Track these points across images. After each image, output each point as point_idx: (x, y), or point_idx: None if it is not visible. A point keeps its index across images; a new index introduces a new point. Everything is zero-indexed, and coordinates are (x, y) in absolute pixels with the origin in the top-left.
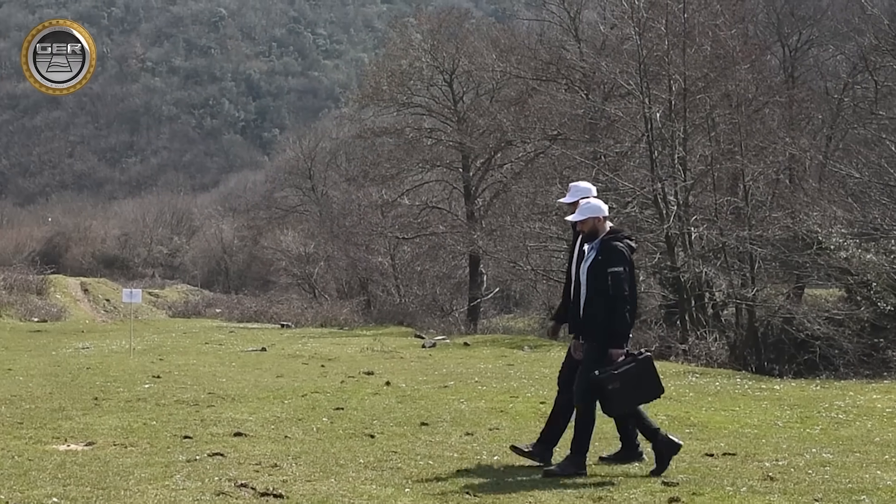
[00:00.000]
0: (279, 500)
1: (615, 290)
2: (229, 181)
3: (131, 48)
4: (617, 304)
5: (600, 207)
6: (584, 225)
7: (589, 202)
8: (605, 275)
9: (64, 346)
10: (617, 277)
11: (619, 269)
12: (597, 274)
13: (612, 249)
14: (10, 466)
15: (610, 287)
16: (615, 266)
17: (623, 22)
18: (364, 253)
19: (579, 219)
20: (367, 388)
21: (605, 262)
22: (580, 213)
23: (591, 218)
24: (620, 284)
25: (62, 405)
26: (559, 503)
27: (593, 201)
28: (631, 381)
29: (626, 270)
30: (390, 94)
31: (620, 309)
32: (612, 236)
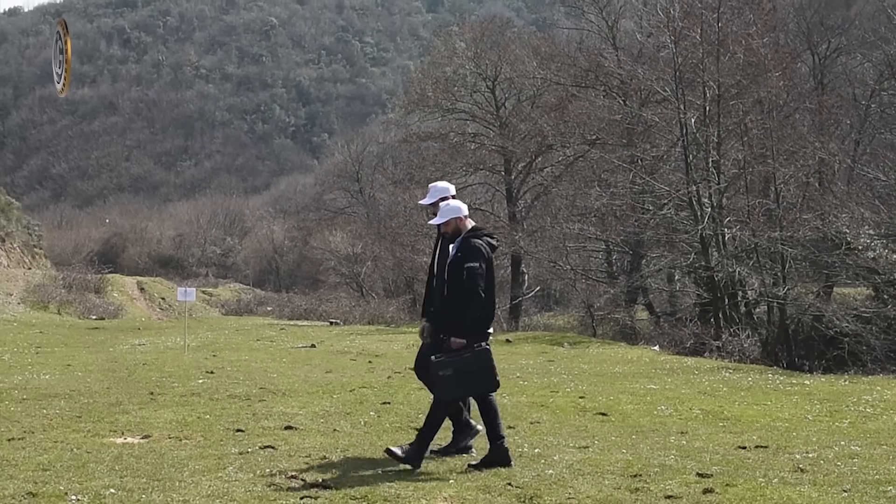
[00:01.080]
0: (328, 490)
1: (469, 285)
2: (280, 184)
3: (186, 56)
4: (469, 299)
5: (460, 208)
6: (447, 226)
7: (449, 204)
8: (462, 270)
9: (121, 343)
10: (472, 272)
11: (476, 265)
12: (456, 270)
13: (471, 247)
14: (69, 459)
15: (465, 282)
16: (472, 262)
17: (659, 31)
18: (409, 253)
19: (441, 221)
20: (413, 383)
21: (464, 259)
22: (442, 215)
23: (453, 218)
24: (475, 279)
25: (119, 400)
26: (597, 493)
27: (453, 202)
28: (464, 370)
29: (482, 267)
30: (435, 100)
31: (472, 303)
32: (472, 234)
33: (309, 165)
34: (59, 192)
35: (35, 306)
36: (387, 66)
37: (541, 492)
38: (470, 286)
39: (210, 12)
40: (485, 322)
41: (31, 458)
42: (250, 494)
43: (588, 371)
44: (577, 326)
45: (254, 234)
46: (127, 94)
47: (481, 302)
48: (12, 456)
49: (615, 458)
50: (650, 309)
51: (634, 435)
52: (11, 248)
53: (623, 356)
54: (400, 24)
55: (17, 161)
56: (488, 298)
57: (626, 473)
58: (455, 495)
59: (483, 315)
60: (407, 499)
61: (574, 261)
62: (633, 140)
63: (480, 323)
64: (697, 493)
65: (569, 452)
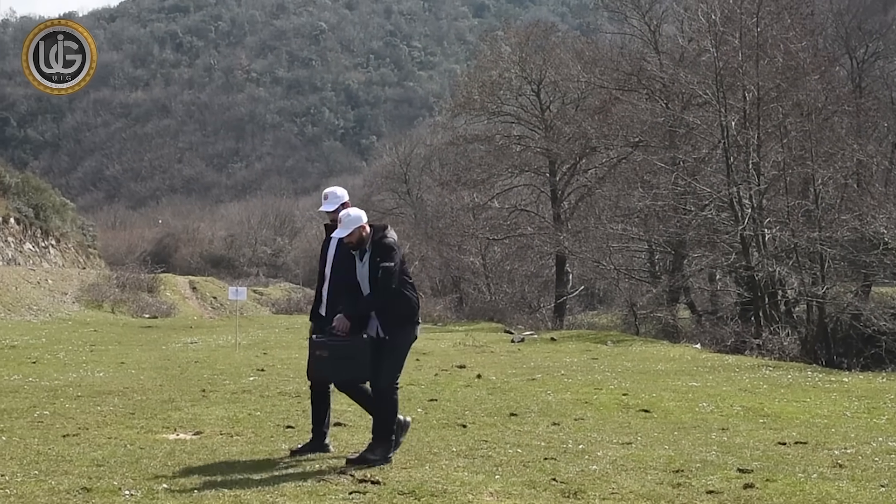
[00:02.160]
0: (376, 486)
1: (382, 283)
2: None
3: (237, 60)
4: (379, 294)
5: (360, 216)
6: (351, 237)
7: (349, 214)
8: (387, 274)
9: (173, 341)
10: (386, 271)
11: (391, 265)
12: (374, 271)
13: (385, 246)
14: (122, 454)
15: (379, 280)
16: (388, 262)
17: (700, 35)
18: (456, 253)
19: (346, 234)
20: (460, 380)
21: (383, 261)
22: (345, 227)
23: (357, 228)
24: (388, 279)
25: (172, 397)
26: (640, 489)
27: (353, 211)
28: (339, 355)
29: (398, 264)
30: (481, 104)
31: (381, 297)
32: (380, 235)
33: (357, 167)
34: (112, 194)
35: (89, 305)
36: (434, 70)
37: (585, 487)
38: (383, 284)
39: (261, 17)
40: (413, 315)
41: (86, 454)
42: (300, 490)
43: (631, 369)
44: (620, 325)
45: (304, 234)
46: (179, 97)
47: (409, 297)
48: (67, 452)
49: (658, 453)
50: (692, 308)
51: (676, 431)
52: (66, 248)
53: (665, 354)
54: (447, 29)
55: (71, 163)
56: (412, 290)
57: (669, 469)
58: (500, 490)
59: (412, 309)
60: (454, 493)
61: (617, 261)
62: (675, 142)
63: (410, 317)
64: (738, 488)
65: (612, 448)
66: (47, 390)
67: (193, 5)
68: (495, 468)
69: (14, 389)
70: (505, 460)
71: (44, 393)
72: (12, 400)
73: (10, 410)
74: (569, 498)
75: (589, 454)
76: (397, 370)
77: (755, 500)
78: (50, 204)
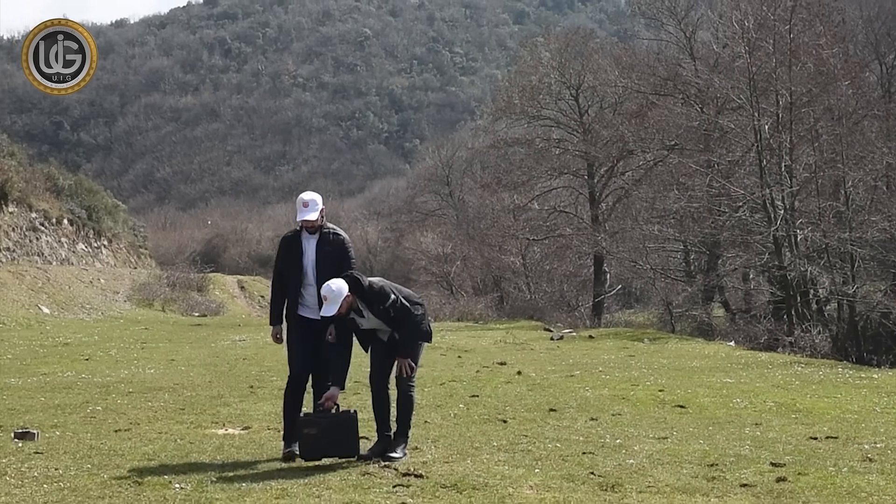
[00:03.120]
0: (419, 479)
1: (406, 321)
2: (374, 187)
3: (284, 65)
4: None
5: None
6: (342, 309)
7: (332, 289)
8: (391, 311)
9: (222, 339)
10: (401, 311)
11: (395, 300)
12: (386, 316)
13: (377, 294)
14: (172, 449)
15: (401, 320)
16: (389, 302)
17: (734, 42)
18: (497, 253)
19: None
20: (500, 377)
21: (383, 305)
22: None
23: (343, 301)
24: (408, 315)
25: (220, 393)
26: (676, 482)
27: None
28: (330, 433)
29: (399, 296)
30: (521, 108)
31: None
32: (366, 287)
33: (401, 170)
34: (163, 196)
35: (140, 304)
36: (475, 76)
37: (622, 480)
38: (402, 314)
39: (307, 24)
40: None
41: (138, 448)
42: (345, 483)
43: (667, 365)
44: (656, 323)
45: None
46: (228, 101)
47: (423, 318)
48: (119, 446)
49: (693, 448)
50: (726, 306)
51: (711, 426)
52: (118, 248)
53: (700, 351)
54: (488, 36)
55: (123, 166)
56: (422, 308)
57: (704, 463)
58: (540, 484)
59: (427, 328)
60: (494, 487)
61: (654, 260)
62: (709, 145)
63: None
64: (771, 482)
65: (649, 443)
66: (100, 386)
67: (242, 12)
68: (535, 462)
69: (67, 385)
70: (544, 454)
71: (96, 389)
72: (66, 396)
73: (64, 406)
74: (606, 491)
75: (626, 448)
76: (413, 371)
77: (787, 493)
78: (102, 205)
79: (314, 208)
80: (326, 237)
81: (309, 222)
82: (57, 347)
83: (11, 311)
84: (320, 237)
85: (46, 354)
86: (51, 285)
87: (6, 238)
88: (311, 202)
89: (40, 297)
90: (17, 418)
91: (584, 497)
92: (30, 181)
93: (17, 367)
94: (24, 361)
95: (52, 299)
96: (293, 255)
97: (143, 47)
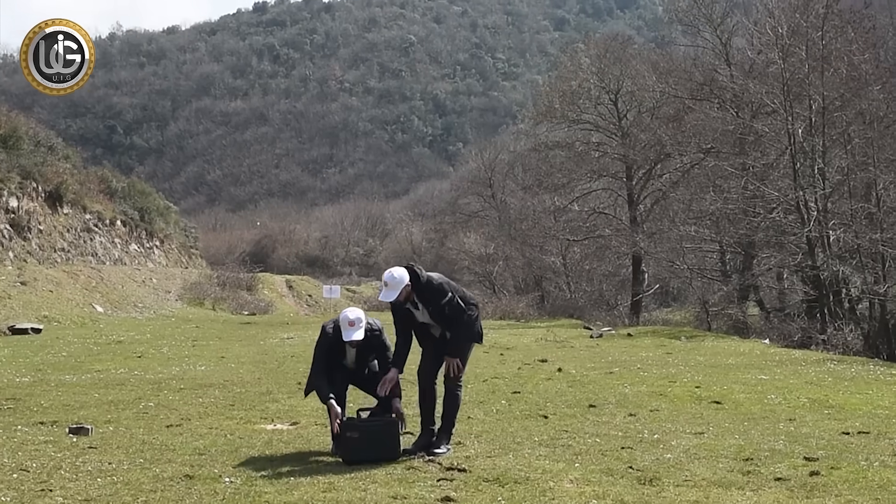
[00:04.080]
0: (462, 473)
1: (454, 312)
2: (418, 189)
3: (331, 71)
4: (460, 325)
5: (404, 276)
6: (401, 296)
7: (394, 276)
8: (443, 309)
9: (270, 337)
10: (454, 308)
11: (451, 297)
12: (440, 312)
13: (435, 289)
14: (223, 444)
15: (456, 317)
16: (447, 298)
17: (769, 48)
18: (538, 253)
19: (395, 295)
20: (542, 373)
21: (441, 300)
22: (392, 289)
23: (403, 288)
24: (460, 311)
25: (269, 389)
26: (712, 476)
27: (395, 272)
28: (371, 436)
29: (455, 293)
30: (562, 112)
31: (469, 321)
32: (425, 281)
33: (445, 172)
34: (213, 198)
35: (192, 303)
36: (517, 81)
37: (660, 474)
38: (455, 313)
39: (353, 30)
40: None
41: (189, 443)
42: (391, 477)
43: (703, 363)
44: (693, 321)
45: (394, 235)
46: (276, 106)
47: (476, 317)
48: (171, 441)
49: (728, 443)
50: (761, 305)
51: (746, 422)
52: (170, 248)
53: (736, 349)
54: (529, 42)
55: (175, 169)
56: (476, 309)
57: (739, 457)
58: (580, 478)
59: (479, 328)
60: (535, 481)
61: (690, 260)
62: (744, 149)
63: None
64: (804, 476)
65: (685, 438)
66: (152, 383)
67: (290, 19)
68: (575, 457)
69: (121, 382)
70: (584, 449)
71: (148, 385)
72: (119, 392)
73: (117, 402)
74: (644, 485)
75: (663, 443)
76: (461, 371)
77: (820, 486)
78: (154, 207)
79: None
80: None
81: (355, 343)
82: (110, 345)
83: (66, 310)
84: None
85: (100, 352)
86: (104, 285)
87: (61, 239)
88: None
89: (94, 296)
90: (72, 414)
91: (622, 490)
92: (84, 183)
93: (72, 365)
94: (78, 359)
95: (106, 298)
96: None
97: (194, 53)
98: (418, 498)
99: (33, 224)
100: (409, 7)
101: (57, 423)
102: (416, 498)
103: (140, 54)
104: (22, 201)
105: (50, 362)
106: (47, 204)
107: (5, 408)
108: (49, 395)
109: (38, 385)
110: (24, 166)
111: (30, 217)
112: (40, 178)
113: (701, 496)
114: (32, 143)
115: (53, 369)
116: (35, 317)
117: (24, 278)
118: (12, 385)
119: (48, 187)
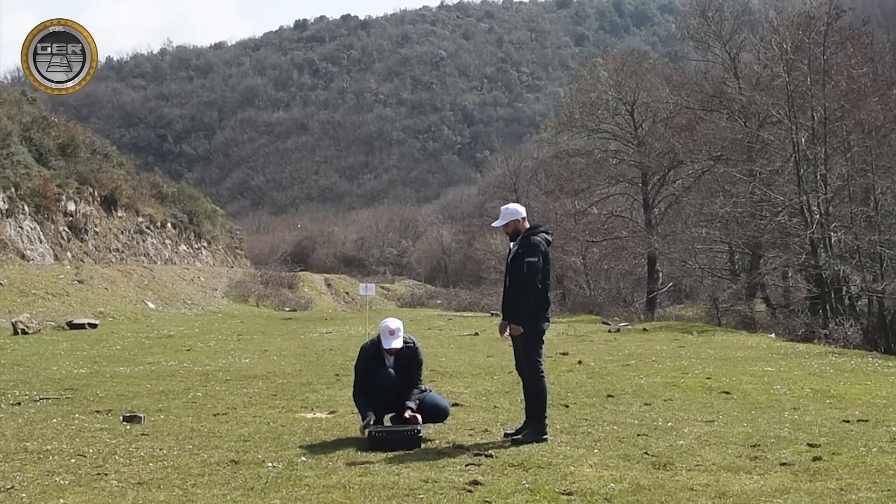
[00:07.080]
0: (489, 459)
1: (529, 277)
2: (448, 194)
3: (367, 84)
4: (527, 289)
5: (517, 210)
6: (507, 227)
7: (508, 207)
8: (522, 264)
9: (310, 332)
10: (531, 266)
11: (535, 260)
12: (517, 265)
13: (529, 243)
14: (265, 431)
15: (525, 274)
16: (531, 257)
17: (774, 62)
18: (560, 253)
19: (502, 223)
20: (563, 366)
21: (524, 254)
22: (502, 218)
23: (512, 220)
24: (534, 273)
25: (309, 380)
26: (721, 461)
27: (512, 205)
28: (393, 441)
29: (540, 261)
30: (582, 122)
31: (529, 293)
32: (530, 232)
33: (473, 178)
34: (257, 202)
35: (237, 300)
36: (540, 93)
37: (673, 459)
38: (529, 279)
39: (388, 46)
40: (540, 309)
41: (234, 431)
42: (423, 462)
43: (713, 355)
44: (704, 317)
45: (425, 237)
46: (316, 116)
47: (537, 292)
48: (217, 429)
49: (737, 430)
50: (767, 302)
51: (753, 411)
52: (216, 249)
53: (744, 343)
54: (551, 56)
55: (221, 175)
56: (543, 289)
57: (747, 444)
58: (599, 463)
59: (538, 303)
60: (557, 465)
61: (702, 260)
62: (752, 156)
63: (537, 310)
64: (808, 461)
65: (697, 426)
66: (200, 374)
67: (328, 36)
68: (594, 443)
69: (171, 374)
70: (602, 436)
71: (197, 377)
72: (169, 383)
73: (168, 392)
74: (659, 469)
75: (677, 431)
76: (537, 357)
77: (822, 471)
78: (202, 210)
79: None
80: (525, 239)
81: (394, 350)
82: (161, 339)
83: (120, 307)
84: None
85: (152, 345)
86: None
87: (116, 240)
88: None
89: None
90: (126, 403)
91: (638, 475)
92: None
93: (126, 357)
94: (131, 352)
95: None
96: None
97: (239, 67)
98: (448, 481)
99: (90, 226)
100: (440, 24)
101: (112, 411)
102: (445, 481)
103: (189, 68)
104: (79, 205)
105: (105, 355)
106: (103, 208)
107: (64, 397)
108: (104, 385)
109: (94, 376)
110: (81, 173)
111: (87, 220)
112: (96, 183)
113: (711, 480)
114: (89, 151)
115: (108, 361)
116: (91, 312)
117: (82, 277)
118: (70, 376)
119: (104, 192)
